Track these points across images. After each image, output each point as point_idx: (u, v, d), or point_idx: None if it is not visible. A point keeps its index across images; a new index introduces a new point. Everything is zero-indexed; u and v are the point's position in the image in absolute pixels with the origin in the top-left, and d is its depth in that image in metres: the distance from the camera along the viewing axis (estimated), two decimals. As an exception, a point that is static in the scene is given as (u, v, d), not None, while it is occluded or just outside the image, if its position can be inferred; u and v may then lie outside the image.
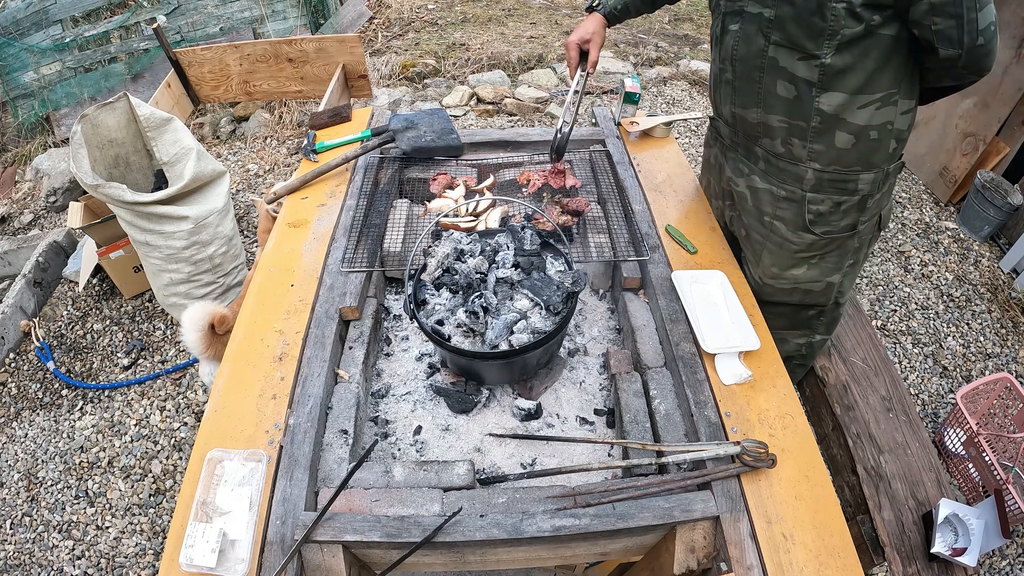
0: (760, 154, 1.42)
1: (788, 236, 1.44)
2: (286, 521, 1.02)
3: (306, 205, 1.71)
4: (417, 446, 1.27)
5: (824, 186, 1.34)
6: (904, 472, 1.69)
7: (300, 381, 1.24)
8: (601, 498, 1.04)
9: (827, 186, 1.33)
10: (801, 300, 1.58)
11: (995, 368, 2.64)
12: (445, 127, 1.85)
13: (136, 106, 2.45)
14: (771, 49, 1.22)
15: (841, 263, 1.49)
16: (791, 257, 1.48)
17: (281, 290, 1.44)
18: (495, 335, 1.20)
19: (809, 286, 1.53)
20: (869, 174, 1.31)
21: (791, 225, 1.42)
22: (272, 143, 4.00)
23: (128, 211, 2.28)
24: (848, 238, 1.43)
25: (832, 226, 1.39)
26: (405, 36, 5.26)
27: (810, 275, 1.51)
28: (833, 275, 1.52)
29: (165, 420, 2.49)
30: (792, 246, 1.46)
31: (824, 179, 1.33)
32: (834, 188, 1.33)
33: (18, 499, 2.27)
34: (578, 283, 1.24)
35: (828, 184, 1.33)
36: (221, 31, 4.47)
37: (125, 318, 2.91)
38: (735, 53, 1.30)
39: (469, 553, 1.06)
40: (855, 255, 1.49)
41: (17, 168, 4.13)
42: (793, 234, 1.43)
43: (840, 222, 1.39)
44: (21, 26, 4.12)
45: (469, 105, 4.25)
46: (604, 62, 4.68)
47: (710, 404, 1.18)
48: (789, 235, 1.44)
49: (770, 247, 1.50)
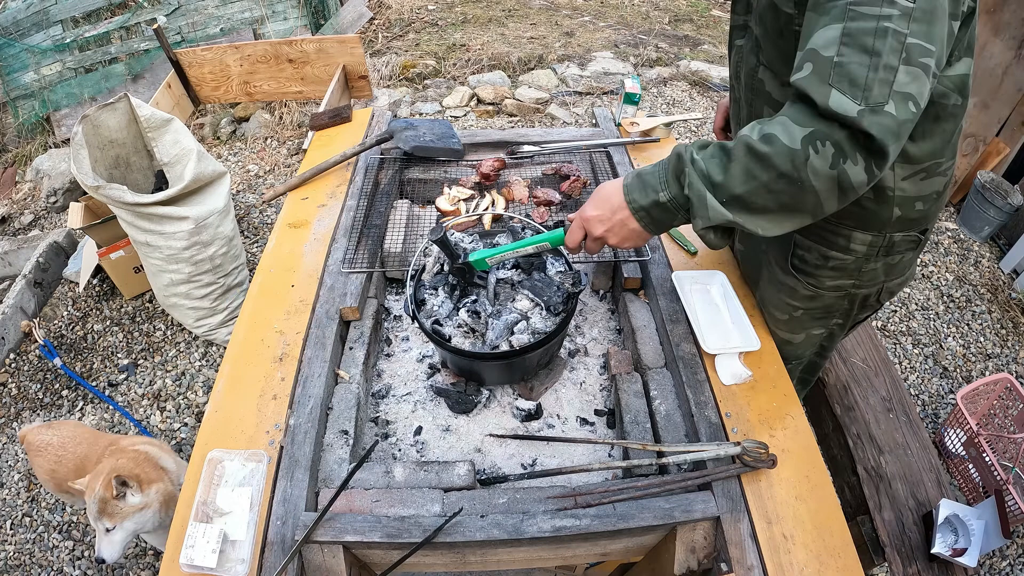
0: None
1: (776, 273, 1.33)
2: (286, 521, 1.02)
3: (306, 206, 1.71)
4: (417, 447, 1.27)
5: (812, 231, 1.19)
6: (904, 472, 1.69)
7: (300, 381, 1.24)
8: (602, 498, 1.04)
9: (815, 232, 1.19)
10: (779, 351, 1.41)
11: (995, 369, 2.64)
12: (446, 131, 1.85)
13: (137, 107, 2.45)
14: (760, 70, 1.12)
15: (827, 320, 1.35)
16: (775, 296, 1.35)
17: (281, 290, 1.45)
18: (495, 335, 1.20)
19: (789, 336, 1.40)
20: (865, 235, 1.14)
21: (779, 262, 1.31)
22: (272, 144, 4.00)
23: (129, 212, 2.28)
24: (838, 299, 1.28)
25: (817, 281, 1.25)
26: (405, 37, 5.26)
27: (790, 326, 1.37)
28: (815, 328, 1.38)
29: (165, 420, 2.49)
30: (778, 284, 1.33)
31: (812, 224, 1.13)
32: (821, 239, 1.19)
33: (18, 499, 2.27)
34: (578, 284, 1.24)
35: (816, 231, 1.19)
36: (221, 32, 4.48)
37: (125, 318, 2.91)
38: (739, 70, 1.21)
39: (470, 553, 1.06)
40: (845, 316, 1.34)
41: (17, 168, 4.13)
42: (780, 272, 1.31)
43: (827, 280, 1.24)
44: (21, 26, 4.12)
45: (469, 106, 4.25)
46: (604, 62, 4.68)
47: (710, 404, 1.18)
48: (777, 272, 1.32)
49: (763, 279, 1.38)
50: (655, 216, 1.00)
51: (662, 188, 0.97)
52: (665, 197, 0.97)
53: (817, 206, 0.87)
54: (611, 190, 1.06)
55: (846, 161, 0.81)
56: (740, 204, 0.89)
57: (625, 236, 1.06)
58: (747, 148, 0.87)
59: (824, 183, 0.83)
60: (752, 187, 0.87)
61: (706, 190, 0.91)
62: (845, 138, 0.80)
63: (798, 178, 0.83)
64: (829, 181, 0.83)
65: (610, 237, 1.07)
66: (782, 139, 0.83)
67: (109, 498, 1.48)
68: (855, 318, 1.35)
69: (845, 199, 0.86)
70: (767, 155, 0.84)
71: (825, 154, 0.81)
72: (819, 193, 0.84)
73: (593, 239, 1.10)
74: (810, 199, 0.86)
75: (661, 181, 0.98)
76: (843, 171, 0.82)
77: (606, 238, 1.08)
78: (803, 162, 0.82)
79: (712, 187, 0.91)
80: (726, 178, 0.89)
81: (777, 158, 0.83)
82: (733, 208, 0.90)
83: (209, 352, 2.74)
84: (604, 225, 1.06)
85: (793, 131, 0.83)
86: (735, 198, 0.89)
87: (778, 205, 0.88)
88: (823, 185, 0.83)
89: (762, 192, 0.87)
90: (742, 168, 0.87)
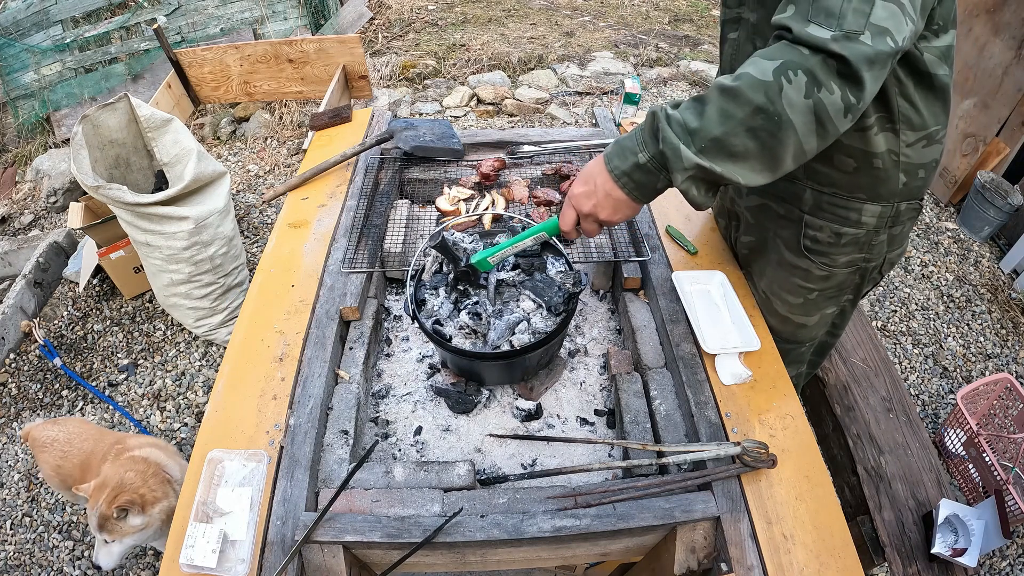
0: None
1: (787, 257, 1.35)
2: (287, 521, 1.02)
3: (307, 206, 1.71)
4: (418, 447, 1.27)
5: (823, 209, 1.23)
6: (904, 472, 1.69)
7: (300, 381, 1.24)
8: (602, 498, 1.04)
9: (826, 210, 1.23)
10: (792, 335, 1.47)
11: (995, 369, 2.64)
12: (446, 131, 1.85)
13: (137, 107, 2.45)
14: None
15: (839, 297, 1.39)
16: (788, 280, 1.38)
17: (281, 290, 1.45)
18: (497, 336, 1.20)
19: (804, 320, 1.43)
20: (875, 206, 1.18)
21: (790, 246, 1.33)
22: (272, 144, 4.00)
23: (129, 212, 2.28)
24: (850, 274, 1.32)
25: (831, 260, 1.28)
26: (405, 37, 5.26)
27: (805, 308, 1.40)
28: (829, 308, 1.41)
29: (165, 420, 2.49)
30: (790, 267, 1.35)
31: (823, 202, 1.22)
32: (834, 215, 1.22)
33: (18, 499, 2.27)
34: (579, 284, 1.24)
35: (828, 208, 1.22)
36: (221, 32, 4.48)
37: (125, 318, 2.91)
38: (733, 63, 1.23)
39: (470, 553, 1.06)
40: (855, 291, 1.38)
41: (17, 168, 4.13)
42: (792, 255, 1.33)
43: (840, 257, 1.27)
44: (21, 26, 4.12)
45: (469, 106, 4.25)
46: (604, 63, 4.68)
47: (710, 404, 1.18)
48: (788, 256, 1.35)
49: (772, 265, 1.40)
50: (637, 180, 0.97)
51: (640, 149, 0.94)
52: (644, 158, 0.94)
53: (798, 145, 0.85)
54: (593, 164, 1.03)
55: (821, 89, 0.79)
56: (720, 149, 0.86)
57: (613, 208, 1.02)
58: (719, 88, 0.86)
59: (801, 115, 0.81)
60: (729, 127, 0.85)
61: (679, 141, 0.88)
62: (817, 64, 0.79)
63: (774, 111, 0.81)
64: (806, 112, 0.81)
65: (600, 211, 1.03)
66: (753, 73, 0.82)
67: (110, 516, 1.48)
68: (862, 292, 1.39)
69: (825, 134, 0.84)
70: (738, 89, 0.83)
71: (798, 83, 0.79)
72: (797, 128, 0.82)
73: (584, 217, 1.06)
74: (790, 136, 0.83)
75: (639, 143, 0.95)
76: (819, 100, 0.80)
77: (596, 213, 1.04)
78: (777, 93, 0.80)
79: (689, 135, 0.88)
80: (703, 122, 0.86)
81: (749, 91, 0.82)
82: (712, 155, 0.87)
83: (209, 352, 2.74)
84: (591, 200, 1.03)
85: (764, 65, 0.82)
86: (714, 142, 0.86)
87: (759, 146, 0.85)
88: (800, 118, 0.81)
89: (740, 132, 0.84)
90: (717, 109, 0.85)
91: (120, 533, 1.51)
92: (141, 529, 1.53)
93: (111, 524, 1.49)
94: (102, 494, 1.49)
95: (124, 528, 1.51)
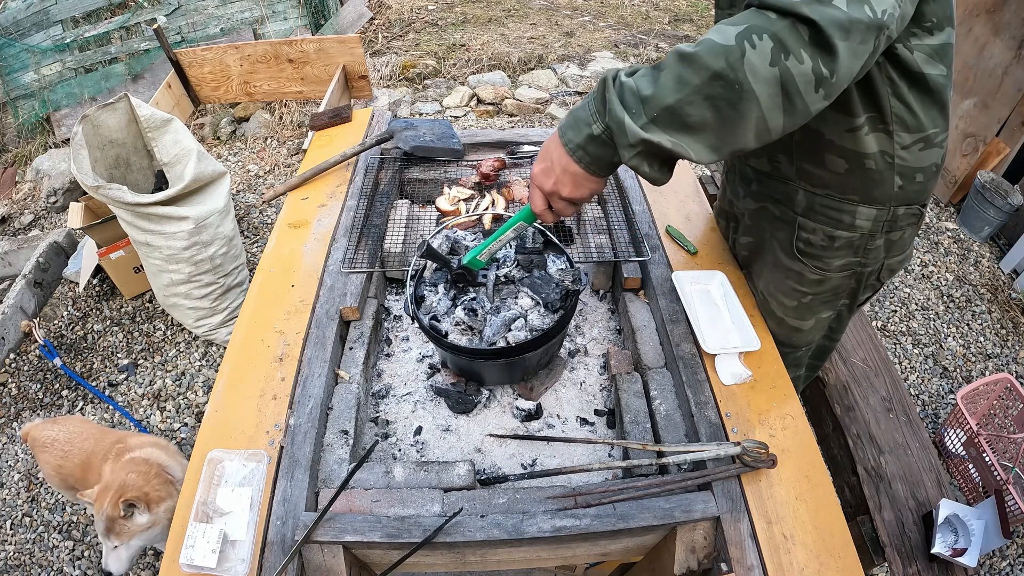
0: (751, 174, 1.34)
1: (782, 259, 1.33)
2: (287, 521, 1.02)
3: (307, 206, 1.71)
4: (417, 447, 1.27)
5: (816, 211, 1.20)
6: (904, 472, 1.69)
7: (300, 381, 1.24)
8: (602, 499, 1.04)
9: (819, 212, 1.19)
10: (787, 338, 1.45)
11: (995, 369, 2.64)
12: (446, 131, 1.85)
13: (137, 107, 2.45)
14: None
15: (835, 302, 1.35)
16: (783, 283, 1.36)
17: (281, 290, 1.45)
18: (493, 332, 1.20)
19: (798, 324, 1.41)
20: (869, 209, 1.14)
21: (784, 248, 1.30)
22: (272, 144, 4.01)
23: (129, 212, 2.28)
24: (845, 279, 1.28)
25: (824, 263, 1.25)
26: (405, 37, 5.26)
27: (800, 312, 1.37)
28: (824, 312, 1.38)
29: (165, 420, 2.49)
30: (785, 270, 1.32)
31: (816, 203, 1.19)
32: (827, 218, 1.19)
33: (18, 499, 2.28)
34: (578, 282, 1.24)
35: (821, 210, 1.19)
36: (221, 32, 4.48)
37: (125, 318, 2.91)
38: None
39: (470, 553, 1.06)
40: (851, 296, 1.34)
41: (17, 168, 4.13)
42: (786, 258, 1.30)
43: (834, 261, 1.24)
44: (21, 26, 4.13)
45: (469, 106, 4.26)
46: (604, 62, 4.68)
47: (710, 404, 1.18)
48: (783, 258, 1.32)
49: (768, 267, 1.39)
50: (593, 153, 0.89)
51: (594, 120, 0.87)
52: (598, 129, 0.87)
53: (761, 120, 0.76)
54: (550, 140, 0.96)
55: (788, 57, 0.71)
56: (673, 119, 0.79)
57: (573, 183, 0.94)
58: (677, 53, 0.78)
59: (765, 86, 0.73)
60: (685, 94, 0.77)
61: (624, 114, 0.81)
62: (785, 28, 0.71)
63: (735, 79, 0.73)
64: (771, 83, 0.73)
65: (561, 188, 0.96)
66: (714, 38, 0.75)
67: (117, 517, 1.49)
68: (860, 298, 1.36)
69: (793, 110, 0.76)
70: (697, 54, 0.75)
71: (763, 48, 0.72)
72: (760, 100, 0.74)
73: (548, 195, 0.99)
74: (752, 109, 0.75)
75: (592, 113, 0.87)
76: (785, 69, 0.72)
77: (558, 191, 0.96)
78: (739, 59, 0.72)
79: (642, 103, 0.80)
80: (656, 89, 0.78)
81: (708, 56, 0.74)
82: (664, 126, 0.79)
83: (209, 352, 2.74)
84: (551, 177, 0.96)
85: (727, 30, 0.74)
86: (667, 111, 0.78)
87: (716, 117, 0.77)
88: (764, 88, 0.73)
89: (697, 100, 0.77)
90: (673, 75, 0.78)
91: (128, 534, 1.52)
92: (147, 528, 1.54)
93: (118, 525, 1.50)
94: (107, 497, 1.49)
95: (131, 528, 1.52)
